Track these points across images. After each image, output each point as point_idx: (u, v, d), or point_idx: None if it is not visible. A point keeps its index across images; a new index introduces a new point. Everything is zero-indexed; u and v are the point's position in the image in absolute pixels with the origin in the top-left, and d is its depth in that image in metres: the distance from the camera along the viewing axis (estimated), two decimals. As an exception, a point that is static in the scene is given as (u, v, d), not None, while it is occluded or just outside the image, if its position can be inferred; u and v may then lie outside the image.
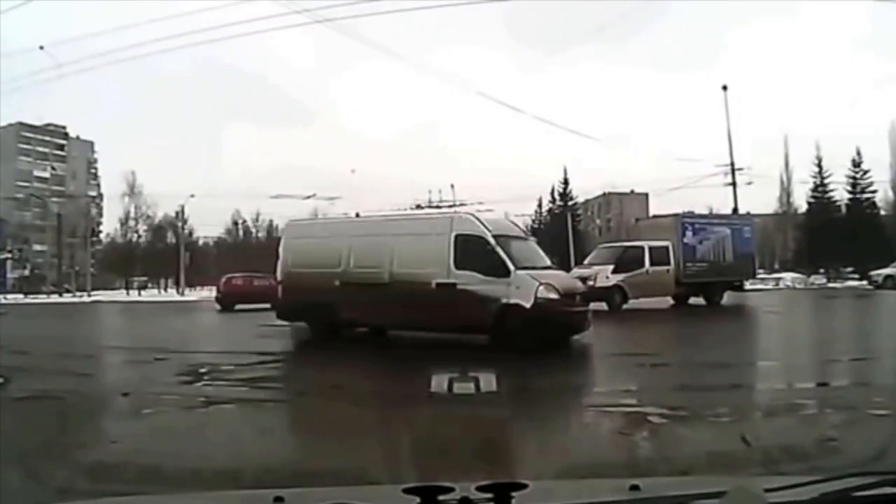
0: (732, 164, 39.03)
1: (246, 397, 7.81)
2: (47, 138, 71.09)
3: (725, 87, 38.71)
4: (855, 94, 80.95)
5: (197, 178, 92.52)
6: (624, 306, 19.22)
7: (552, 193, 57.92)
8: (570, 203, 56.53)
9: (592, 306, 12.83)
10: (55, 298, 45.42)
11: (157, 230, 59.54)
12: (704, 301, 21.59)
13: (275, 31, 55.55)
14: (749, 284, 25.66)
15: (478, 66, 77.58)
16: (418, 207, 35.50)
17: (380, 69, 66.15)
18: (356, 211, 14.51)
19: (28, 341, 13.33)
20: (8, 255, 56.15)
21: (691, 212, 27.55)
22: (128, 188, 57.74)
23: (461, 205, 35.96)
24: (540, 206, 58.77)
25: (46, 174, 69.83)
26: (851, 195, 47.28)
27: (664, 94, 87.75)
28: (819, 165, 47.89)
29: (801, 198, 50.40)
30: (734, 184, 38.78)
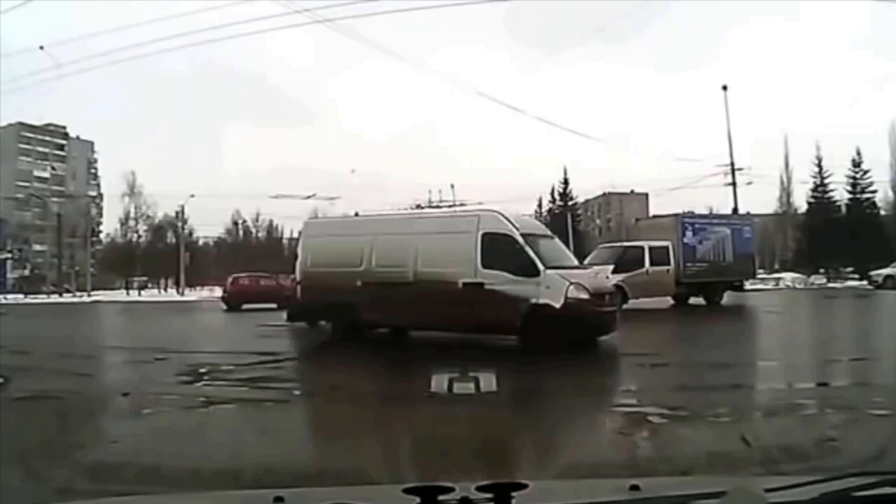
0: (732, 164, 39.10)
1: (246, 397, 7.80)
2: (47, 138, 71.05)
3: (725, 87, 38.77)
4: (855, 94, 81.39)
5: (197, 178, 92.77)
6: (624, 306, 19.15)
7: (552, 193, 57.94)
8: (570, 203, 56.51)
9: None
10: (55, 298, 45.41)
11: (157, 230, 59.48)
12: (704, 301, 21.59)
13: (274, 31, 55.61)
14: (749, 284, 25.63)
15: (478, 67, 77.57)
16: (418, 207, 35.45)
17: (380, 69, 66.04)
18: (355, 210, 14.45)
19: (28, 341, 13.30)
20: (8, 255, 56.13)
21: (691, 212, 27.54)
22: (128, 188, 57.81)
23: (461, 205, 35.91)
24: (540, 207, 58.66)
25: (46, 174, 69.81)
26: (851, 195, 47.21)
27: (664, 94, 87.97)
28: (819, 165, 47.92)
29: (801, 198, 50.49)
30: (734, 184, 38.86)
